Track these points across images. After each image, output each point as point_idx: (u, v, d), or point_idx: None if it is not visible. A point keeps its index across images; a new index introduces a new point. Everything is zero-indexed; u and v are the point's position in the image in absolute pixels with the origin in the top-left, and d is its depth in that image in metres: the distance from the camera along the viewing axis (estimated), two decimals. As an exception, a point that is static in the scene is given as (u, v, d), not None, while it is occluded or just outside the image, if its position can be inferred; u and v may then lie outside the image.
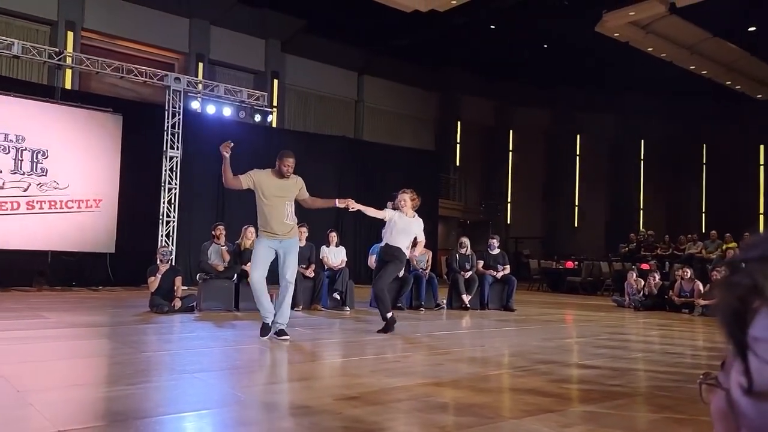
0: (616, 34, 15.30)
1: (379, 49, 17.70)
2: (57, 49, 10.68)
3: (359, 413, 2.87)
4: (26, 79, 12.00)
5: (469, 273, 9.13)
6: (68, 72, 12.30)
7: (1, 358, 4.10)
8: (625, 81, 19.22)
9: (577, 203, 22.83)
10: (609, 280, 14.06)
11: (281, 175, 5.64)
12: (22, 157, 9.71)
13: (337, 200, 6.13)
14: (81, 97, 11.31)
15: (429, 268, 9.30)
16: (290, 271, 5.38)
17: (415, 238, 6.29)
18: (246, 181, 5.66)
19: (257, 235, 5.69)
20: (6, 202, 9.52)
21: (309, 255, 8.58)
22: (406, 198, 6.21)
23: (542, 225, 22.55)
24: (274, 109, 14.39)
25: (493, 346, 5.54)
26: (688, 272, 9.88)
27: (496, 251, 9.61)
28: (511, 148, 23.12)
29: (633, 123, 21.65)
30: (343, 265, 8.72)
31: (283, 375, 3.93)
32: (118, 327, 6.08)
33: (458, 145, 21.72)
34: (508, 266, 9.49)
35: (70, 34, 13.01)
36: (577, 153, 22.97)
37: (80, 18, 13.29)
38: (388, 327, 5.85)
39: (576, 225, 22.61)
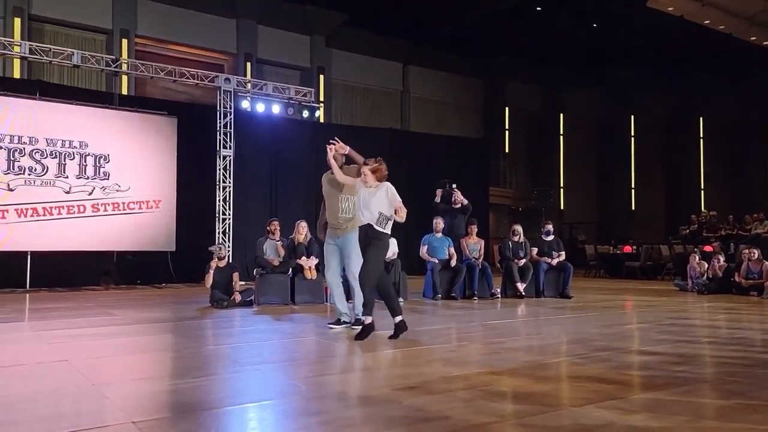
0: (669, 9, 14.70)
1: (423, 39, 17.60)
2: (113, 57, 11.11)
3: (419, 402, 2.89)
4: (86, 87, 12.54)
5: (523, 261, 9.02)
6: (124, 78, 12.77)
7: (77, 353, 4.32)
8: (680, 58, 18.46)
9: (633, 186, 22.15)
10: (670, 264, 13.61)
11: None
12: (86, 162, 10.17)
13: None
14: (137, 102, 11.75)
15: (482, 257, 9.24)
16: (353, 266, 5.43)
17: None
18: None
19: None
20: (73, 206, 10.00)
21: (361, 247, 8.64)
22: (366, 171, 5.30)
23: (596, 209, 22.01)
24: (321, 105, 14.54)
25: (550, 334, 5.46)
26: (756, 253, 9.45)
27: (550, 238, 9.44)
28: (561, 132, 22.63)
29: (690, 102, 20.79)
30: (395, 256, 8.75)
31: (341, 366, 3.99)
32: (181, 322, 6.30)
33: (506, 132, 21.41)
34: (563, 253, 9.33)
35: (125, 42, 13.51)
36: (632, 134, 22.27)
37: (133, 25, 13.77)
38: (365, 331, 5.08)
39: (633, 208, 21.95)
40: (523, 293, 8.80)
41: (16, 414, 2.83)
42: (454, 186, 9.42)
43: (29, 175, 9.64)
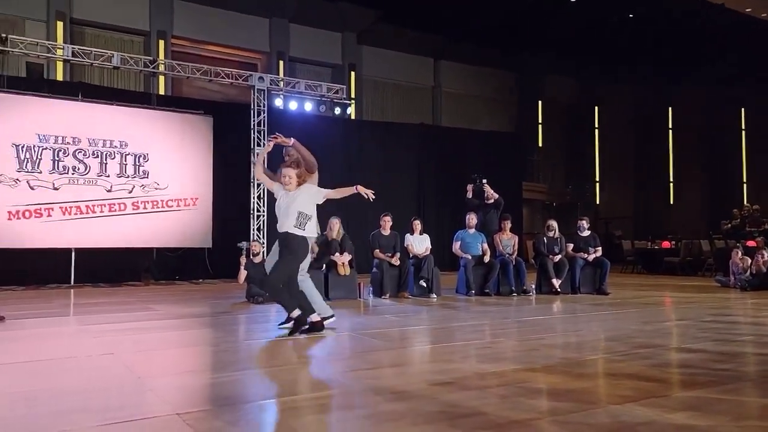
0: (710, -3, 14.31)
1: (454, 34, 17.50)
2: (151, 58, 11.36)
3: (455, 398, 2.90)
4: (125, 87, 12.85)
5: (559, 257, 8.92)
6: (161, 78, 13.04)
7: (121, 347, 4.46)
8: (719, 48, 17.92)
9: (671, 179, 21.63)
10: (711, 260, 13.27)
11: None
12: (126, 161, 10.45)
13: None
14: (174, 102, 12.00)
15: (515, 253, 9.17)
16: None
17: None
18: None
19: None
20: (114, 204, 10.29)
21: (394, 243, 8.69)
22: (291, 174, 5.13)
23: (633, 204, 21.58)
24: (352, 101, 14.59)
25: (587, 331, 5.40)
26: (801, 248, 9.15)
27: (586, 233, 9.31)
28: (597, 126, 22.24)
29: (730, 93, 20.17)
30: (428, 252, 8.76)
31: (375, 361, 4.02)
32: (219, 317, 6.43)
33: (540, 126, 21.14)
34: (599, 248, 9.19)
35: (162, 43, 13.80)
36: (669, 126, 21.75)
37: (170, 27, 14.05)
38: (296, 326, 4.94)
39: (671, 202, 21.45)
40: (559, 290, 8.70)
41: (66, 405, 2.94)
42: (484, 181, 9.35)
43: (73, 174, 9.95)
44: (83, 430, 2.54)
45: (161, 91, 13.20)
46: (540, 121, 21.14)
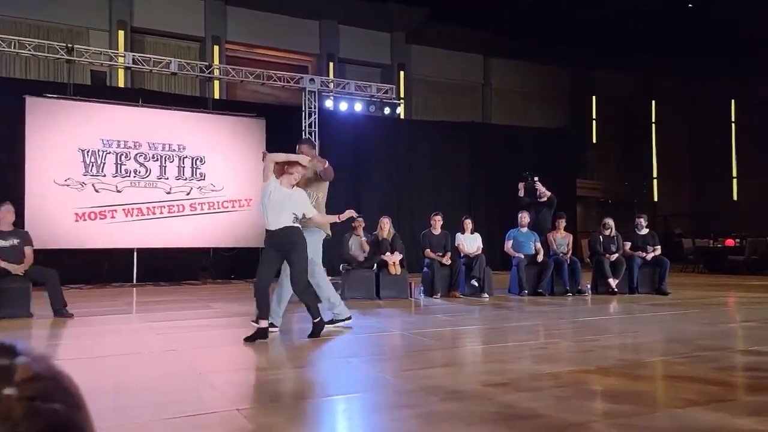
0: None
1: (504, 30, 17.27)
2: (206, 63, 11.69)
3: (511, 399, 2.88)
4: (182, 93, 13.27)
5: (615, 255, 8.69)
6: (216, 83, 13.41)
7: (183, 344, 4.63)
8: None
9: (734, 174, 20.71)
10: (778, 258, 12.64)
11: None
12: (184, 164, 10.80)
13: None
14: (229, 105, 12.31)
15: (570, 252, 8.99)
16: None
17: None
18: None
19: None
20: (174, 206, 10.66)
21: (444, 243, 8.66)
22: (300, 172, 5.10)
23: (693, 201, 20.77)
24: (402, 101, 14.61)
25: (646, 332, 5.24)
26: None
27: (644, 231, 9.04)
28: (654, 120, 21.51)
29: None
30: (479, 251, 8.69)
31: (428, 361, 4.02)
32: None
33: (594, 121, 20.62)
34: (658, 247, 8.90)
35: (216, 48, 14.19)
36: (732, 120, 20.81)
37: (224, 32, 14.43)
38: (255, 336, 4.73)
39: (735, 198, 20.54)
40: (616, 290, 8.47)
41: (130, 400, 3.08)
42: (536, 178, 9.20)
43: (134, 177, 10.36)
44: (146, 424, 2.66)
45: (216, 95, 13.57)
46: (594, 116, 20.62)
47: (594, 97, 20.44)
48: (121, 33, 13.14)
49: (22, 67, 12.41)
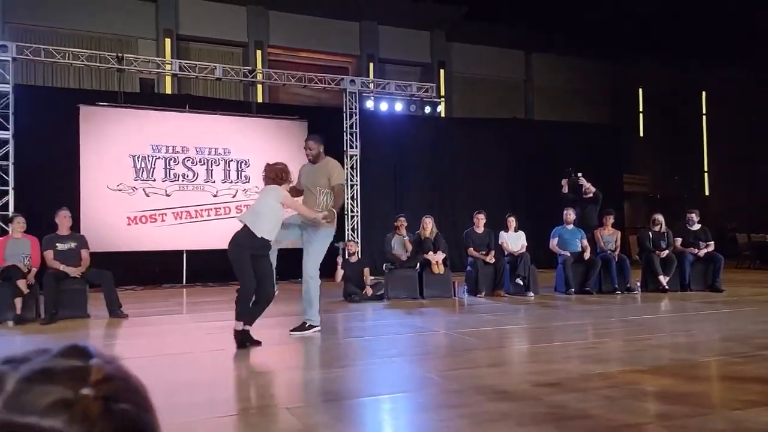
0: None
1: (546, 26, 16.98)
2: (249, 68, 11.91)
3: (560, 399, 2.84)
4: (226, 97, 13.55)
5: (666, 252, 8.44)
6: (259, 87, 13.64)
7: (232, 344, 4.71)
8: None
9: (792, 167, 19.79)
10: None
11: (310, 160, 5.39)
12: (229, 167, 11.03)
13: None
14: (272, 109, 12.49)
15: (618, 249, 8.78)
16: (310, 263, 5.18)
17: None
18: (298, 181, 5.40)
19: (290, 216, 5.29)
20: (220, 208, 10.90)
21: (488, 241, 8.58)
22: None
23: (748, 195, 19.95)
24: (442, 99, 14.54)
25: (701, 331, 5.08)
26: None
27: (696, 227, 8.75)
28: (704, 112, 20.79)
29: None
30: (524, 250, 8.58)
31: (475, 360, 4.00)
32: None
33: (641, 115, 20.08)
34: (711, 243, 8.60)
35: (259, 53, 14.44)
36: (789, 110, 19.89)
37: (266, 37, 14.67)
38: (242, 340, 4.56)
39: (793, 192, 19.63)
40: (667, 287, 8.23)
41: (184, 398, 3.16)
42: (579, 175, 9.01)
43: (182, 181, 10.64)
44: (200, 421, 2.73)
45: (259, 99, 13.80)
46: (640, 110, 20.06)
47: (640, 90, 19.89)
48: (167, 41, 13.52)
49: (75, 77, 12.90)
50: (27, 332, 5.62)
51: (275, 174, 4.80)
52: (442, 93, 15.89)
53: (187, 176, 10.69)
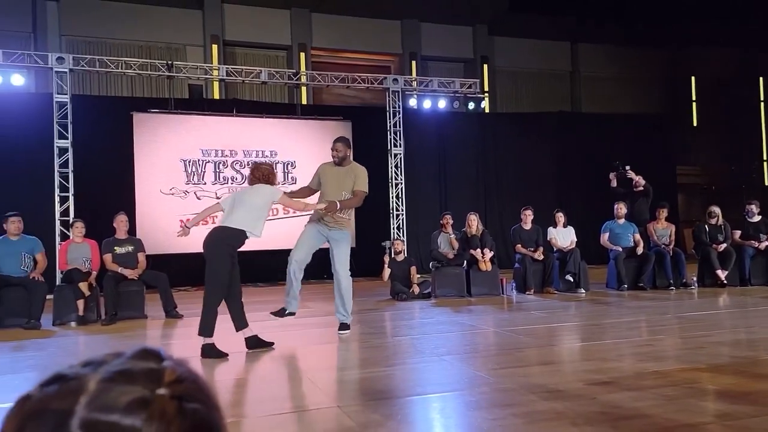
0: None
1: (591, 14, 16.58)
2: (293, 71, 12.09)
3: (616, 398, 2.78)
4: (272, 100, 13.79)
5: (724, 245, 8.13)
6: (303, 89, 13.83)
7: (284, 342, 4.82)
8: None
9: None
10: None
11: (335, 162, 5.29)
12: (276, 169, 11.22)
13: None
14: (316, 110, 12.65)
15: (672, 243, 8.51)
16: (340, 264, 5.15)
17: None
18: (314, 182, 5.44)
19: (310, 220, 5.38)
20: (271, 209, 11.12)
21: (536, 237, 8.46)
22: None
23: (812, 183, 18.99)
24: (486, 95, 14.39)
25: (763, 327, 4.88)
26: None
27: (757, 218, 8.40)
28: (762, 99, 19.89)
29: None
30: (573, 245, 8.42)
31: (525, 359, 3.96)
32: (367, 314, 6.69)
33: (694, 104, 19.36)
34: (772, 235, 8.24)
35: (302, 55, 14.62)
36: None
37: (309, 39, 14.85)
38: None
39: None
40: (725, 282, 7.93)
41: (237, 397, 3.25)
42: (627, 168, 8.77)
43: (232, 184, 10.89)
44: (252, 420, 2.80)
45: (303, 101, 13.98)
46: (693, 98, 19.35)
47: (693, 78, 19.19)
48: (214, 47, 13.85)
49: (128, 85, 13.37)
50: (89, 332, 5.87)
51: (263, 173, 4.77)
52: (486, 88, 15.73)
53: (236, 179, 10.94)
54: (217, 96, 13.39)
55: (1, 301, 6.20)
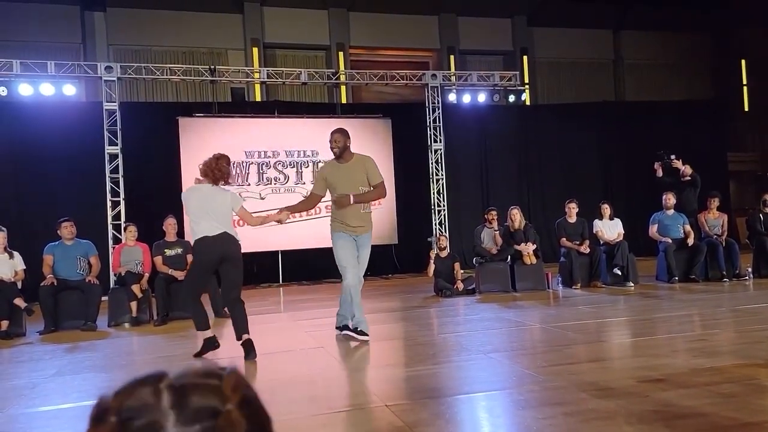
0: None
1: (632, 0, 16.13)
2: (333, 70, 12.18)
3: (669, 396, 2.72)
4: (312, 101, 13.93)
5: (780, 235, 7.82)
6: (343, 88, 13.91)
7: (329, 341, 4.89)
8: None
9: None
10: None
11: (337, 157, 4.97)
12: (318, 169, 11.36)
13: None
14: (356, 108, 12.72)
15: (725, 233, 8.22)
16: (363, 268, 4.94)
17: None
18: (319, 186, 5.12)
19: (334, 229, 5.00)
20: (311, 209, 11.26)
21: (581, 230, 8.31)
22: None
23: None
24: (527, 87, 14.18)
25: (825, 321, 4.68)
26: None
27: (814, 206, 8.04)
28: (820, 79, 18.93)
29: None
30: (621, 238, 8.23)
31: (575, 355, 3.90)
32: (412, 311, 6.71)
33: (744, 88, 18.61)
34: (833, 223, 7.88)
35: (341, 54, 14.72)
36: None
37: (347, 38, 14.93)
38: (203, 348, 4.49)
39: None
40: (783, 272, 7.64)
41: (286, 395, 3.31)
42: (672, 157, 8.49)
43: (275, 184, 11.07)
44: (300, 419, 2.84)
45: (343, 100, 14.07)
46: (744, 82, 18.59)
47: (743, 61, 18.43)
48: (255, 50, 14.07)
49: (173, 90, 13.73)
50: (142, 333, 6.08)
51: (213, 172, 4.53)
52: (526, 80, 15.49)
53: (279, 179, 11.10)
54: (258, 98, 13.61)
55: (59, 304, 6.46)
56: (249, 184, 10.94)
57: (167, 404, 0.56)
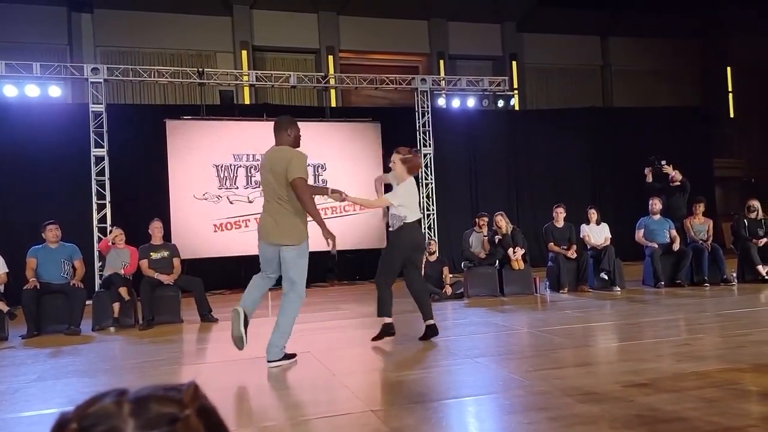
0: None
1: (622, 6, 16.28)
2: (322, 74, 12.17)
3: (653, 401, 2.73)
4: (301, 104, 13.92)
5: (764, 240, 7.92)
6: (332, 91, 13.91)
7: (316, 345, 4.86)
8: None
9: None
10: None
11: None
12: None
13: (330, 190, 5.04)
14: (345, 112, 12.72)
15: (710, 238, 8.30)
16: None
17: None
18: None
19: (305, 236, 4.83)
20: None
21: (569, 235, 8.36)
22: (395, 159, 5.31)
23: None
24: (515, 92, 14.26)
25: (808, 326, 4.72)
26: None
27: (799, 212, 8.13)
28: (804, 87, 19.17)
29: None
30: (608, 242, 8.28)
31: (561, 360, 3.91)
32: (400, 315, 6.67)
33: (730, 95, 18.84)
34: (817, 229, 7.97)
35: (330, 58, 14.73)
36: None
37: (337, 42, 14.94)
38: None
39: None
40: (766, 277, 7.70)
41: (269, 401, 3.28)
42: (663, 162, 8.58)
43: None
44: (284, 424, 2.82)
45: (333, 104, 14.08)
46: (730, 89, 18.83)
47: (729, 68, 18.66)
48: (244, 53, 14.04)
49: (160, 93, 13.65)
50: (127, 337, 6.01)
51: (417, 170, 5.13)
52: (515, 85, 15.59)
53: (267, 183, 11.06)
54: (247, 101, 13.57)
55: (42, 307, 6.38)
56: (237, 188, 10.89)
57: (127, 412, 0.56)
